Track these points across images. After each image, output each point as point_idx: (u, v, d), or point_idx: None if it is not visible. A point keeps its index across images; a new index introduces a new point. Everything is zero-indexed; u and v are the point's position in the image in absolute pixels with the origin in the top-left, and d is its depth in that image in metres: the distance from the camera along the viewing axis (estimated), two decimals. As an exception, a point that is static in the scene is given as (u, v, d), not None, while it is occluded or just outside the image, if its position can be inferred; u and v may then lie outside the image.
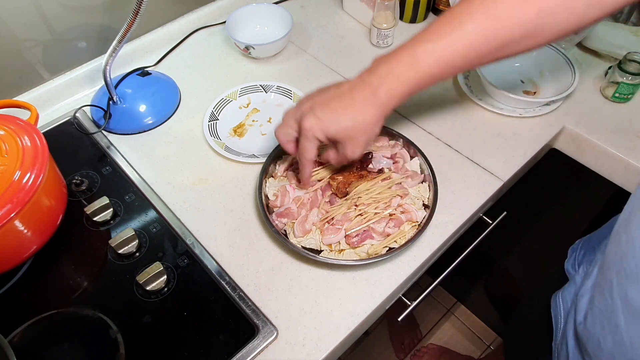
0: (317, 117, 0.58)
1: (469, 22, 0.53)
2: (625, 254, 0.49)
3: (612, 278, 0.51)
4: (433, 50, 0.54)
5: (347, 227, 0.65)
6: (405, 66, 0.55)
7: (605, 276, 0.53)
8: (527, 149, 0.79)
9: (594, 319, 0.55)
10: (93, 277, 0.67)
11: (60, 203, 0.69)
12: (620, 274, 0.50)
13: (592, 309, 0.56)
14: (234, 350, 0.59)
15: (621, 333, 0.50)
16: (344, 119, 0.57)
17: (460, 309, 1.60)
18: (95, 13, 0.86)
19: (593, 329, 0.55)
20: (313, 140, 0.60)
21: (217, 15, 1.02)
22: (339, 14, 1.05)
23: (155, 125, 0.85)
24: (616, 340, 0.51)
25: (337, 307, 0.63)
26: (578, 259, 0.76)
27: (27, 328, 0.62)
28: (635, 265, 0.48)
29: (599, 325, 0.54)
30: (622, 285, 0.50)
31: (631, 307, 0.48)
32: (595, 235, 0.77)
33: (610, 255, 0.54)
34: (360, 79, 0.58)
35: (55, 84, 0.87)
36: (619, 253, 0.51)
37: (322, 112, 0.58)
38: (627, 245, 0.49)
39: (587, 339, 0.57)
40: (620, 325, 0.50)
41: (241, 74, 0.93)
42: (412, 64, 0.55)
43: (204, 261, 0.67)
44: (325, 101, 0.59)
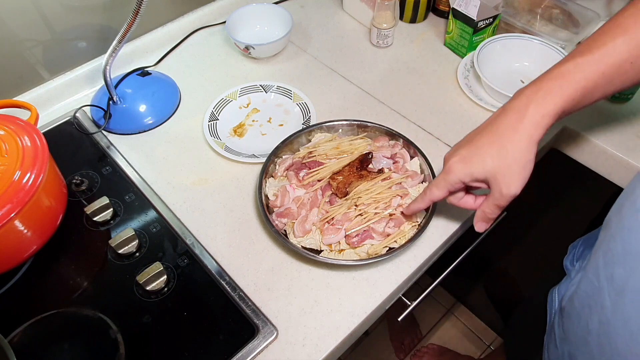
0: (461, 158, 0.55)
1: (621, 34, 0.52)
2: (614, 236, 0.50)
3: (599, 260, 0.52)
4: (586, 63, 0.52)
5: (347, 227, 0.65)
6: (556, 81, 0.52)
7: (592, 260, 0.53)
8: (527, 149, 0.79)
9: (581, 302, 0.55)
10: (93, 277, 0.67)
11: (60, 203, 0.69)
12: (607, 255, 0.50)
13: (578, 292, 0.56)
14: (234, 350, 0.59)
15: (606, 313, 0.50)
16: (490, 155, 0.53)
17: (460, 309, 1.60)
18: (95, 13, 0.86)
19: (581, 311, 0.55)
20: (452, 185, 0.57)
21: (217, 15, 1.02)
22: (339, 14, 1.05)
23: (155, 125, 0.85)
24: (602, 320, 0.51)
25: (337, 307, 0.63)
26: (577, 255, 0.77)
27: (27, 328, 0.62)
28: (622, 246, 0.48)
29: (586, 308, 0.54)
30: (608, 267, 0.50)
31: (617, 286, 0.49)
32: (595, 233, 0.77)
33: (599, 240, 0.54)
34: (502, 108, 0.55)
35: (55, 84, 0.87)
36: (608, 236, 0.51)
37: (467, 151, 0.55)
38: (617, 227, 0.50)
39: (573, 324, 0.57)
40: (606, 305, 0.50)
41: (241, 74, 0.93)
42: (564, 78, 0.52)
43: (204, 261, 0.67)
44: (469, 138, 0.56)
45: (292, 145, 0.75)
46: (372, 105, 0.87)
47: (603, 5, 0.99)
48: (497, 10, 0.88)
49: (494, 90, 0.82)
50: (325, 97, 0.88)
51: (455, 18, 0.90)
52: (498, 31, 0.94)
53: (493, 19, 0.89)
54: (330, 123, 0.76)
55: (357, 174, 0.70)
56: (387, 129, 0.75)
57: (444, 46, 0.97)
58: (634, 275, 0.47)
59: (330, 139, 0.75)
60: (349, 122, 0.76)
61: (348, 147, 0.74)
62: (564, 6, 0.94)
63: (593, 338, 0.53)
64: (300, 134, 0.75)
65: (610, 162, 0.79)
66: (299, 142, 0.76)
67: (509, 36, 0.89)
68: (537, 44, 0.88)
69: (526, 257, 1.24)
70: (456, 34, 0.92)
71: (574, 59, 0.53)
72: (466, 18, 0.88)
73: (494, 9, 0.87)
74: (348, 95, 0.89)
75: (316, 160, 0.72)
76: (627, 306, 0.47)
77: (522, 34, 0.89)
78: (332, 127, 0.77)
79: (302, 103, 0.85)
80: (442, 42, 0.98)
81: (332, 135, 0.76)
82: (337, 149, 0.73)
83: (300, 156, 0.73)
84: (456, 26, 0.91)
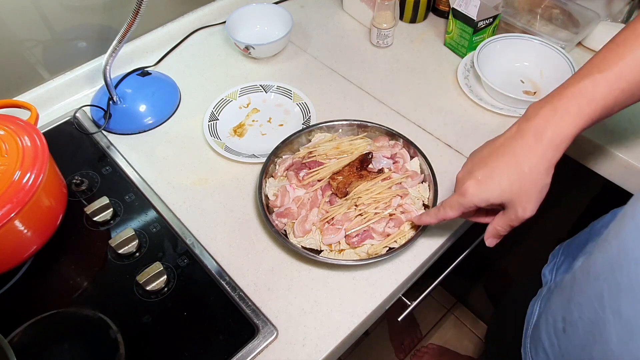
0: (476, 180, 0.53)
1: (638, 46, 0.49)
2: (619, 266, 0.47)
3: (603, 290, 0.49)
4: (605, 79, 0.50)
5: (347, 227, 0.65)
6: (574, 100, 0.50)
7: (595, 287, 0.50)
8: (527, 149, 0.79)
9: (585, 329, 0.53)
10: (93, 277, 0.67)
11: (60, 203, 0.69)
12: (612, 287, 0.47)
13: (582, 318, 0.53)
14: (234, 350, 0.59)
15: (611, 348, 0.47)
16: (507, 178, 0.52)
17: (460, 309, 1.60)
18: (95, 13, 0.86)
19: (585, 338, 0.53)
20: (467, 207, 0.55)
21: (217, 15, 1.02)
22: (339, 14, 1.05)
23: (155, 125, 0.85)
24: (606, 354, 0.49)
25: (337, 307, 0.63)
26: (557, 265, 0.75)
27: (27, 328, 0.62)
28: (628, 279, 0.45)
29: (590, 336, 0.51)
30: (614, 299, 0.47)
31: (623, 322, 0.46)
32: (574, 242, 0.75)
33: (599, 265, 0.51)
34: (518, 128, 0.53)
35: (55, 84, 0.87)
36: (611, 263, 0.48)
37: (482, 173, 0.53)
38: (620, 255, 0.47)
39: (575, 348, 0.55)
40: (612, 340, 0.47)
41: (241, 74, 0.93)
42: (583, 97, 0.50)
43: (204, 261, 0.67)
44: (483, 158, 0.54)
45: (292, 145, 0.75)
46: (372, 105, 0.87)
47: (603, 5, 0.99)
48: (497, 10, 0.88)
49: (494, 90, 0.82)
50: (325, 97, 0.88)
51: (455, 18, 0.90)
52: (498, 31, 0.94)
53: (493, 19, 0.89)
54: (330, 123, 0.76)
55: (357, 174, 0.70)
56: (387, 129, 0.75)
57: (444, 46, 0.97)
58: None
59: (330, 139, 0.75)
60: (349, 122, 0.76)
61: (348, 147, 0.74)
62: (564, 6, 0.94)
63: None
64: (300, 134, 0.75)
65: (610, 162, 0.79)
66: (299, 142, 0.76)
67: (509, 36, 0.89)
68: (537, 44, 0.88)
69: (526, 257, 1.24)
70: (456, 34, 0.92)
71: (591, 75, 0.51)
72: (466, 18, 0.88)
73: (494, 9, 0.87)
74: (348, 95, 0.89)
75: (316, 160, 0.72)
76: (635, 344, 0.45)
77: (522, 34, 0.89)
78: (332, 127, 0.77)
79: (302, 103, 0.85)
80: (442, 42, 0.98)
81: (332, 135, 0.76)
82: (337, 149, 0.73)
83: (300, 156, 0.73)
84: (456, 26, 0.91)
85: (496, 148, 0.54)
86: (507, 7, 0.96)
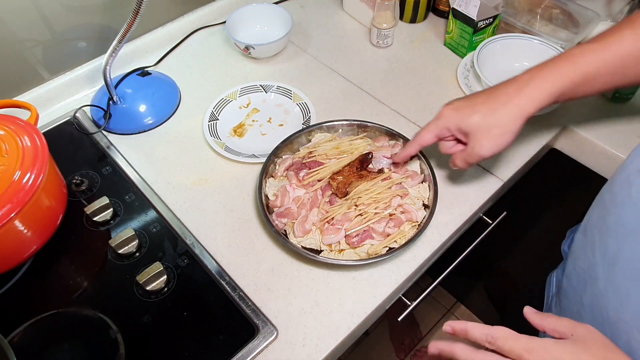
0: (454, 107, 0.59)
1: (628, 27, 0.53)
2: (608, 211, 0.50)
3: (595, 236, 0.52)
4: (591, 49, 0.54)
5: (347, 227, 0.65)
6: (559, 62, 0.55)
7: (588, 236, 0.54)
8: (527, 149, 0.79)
9: (578, 278, 0.55)
10: (93, 277, 0.67)
11: (60, 203, 0.69)
12: (602, 230, 0.51)
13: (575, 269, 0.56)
14: (234, 350, 0.59)
15: (599, 285, 0.50)
16: (479, 109, 0.56)
17: (460, 309, 1.60)
18: (95, 13, 0.86)
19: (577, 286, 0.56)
20: (440, 128, 0.60)
21: (217, 15, 1.02)
22: (339, 14, 1.05)
23: (155, 125, 0.85)
24: (595, 293, 0.51)
25: (337, 307, 0.63)
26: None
27: (27, 328, 0.62)
28: (615, 220, 0.49)
29: (581, 283, 0.54)
30: (602, 241, 0.50)
31: (609, 258, 0.49)
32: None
33: (593, 217, 0.54)
34: (510, 80, 0.58)
35: (55, 84, 0.87)
36: (602, 212, 0.52)
37: (461, 103, 0.59)
38: (611, 202, 0.50)
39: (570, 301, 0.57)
40: (599, 278, 0.50)
41: (241, 74, 0.93)
42: (568, 60, 0.54)
43: (204, 261, 0.67)
44: (470, 96, 0.59)
45: (292, 145, 0.75)
46: (372, 105, 0.87)
47: (603, 5, 0.99)
48: (497, 10, 0.88)
49: (494, 90, 0.82)
50: (325, 97, 0.88)
51: (455, 18, 0.90)
52: (498, 31, 0.94)
53: (493, 19, 0.89)
54: (330, 123, 0.76)
55: (357, 174, 0.70)
56: (387, 129, 0.75)
57: (444, 46, 0.97)
58: (625, 246, 0.47)
59: (330, 139, 0.75)
60: (349, 122, 0.76)
61: (348, 147, 0.74)
62: (564, 6, 0.94)
63: (586, 312, 0.53)
64: (300, 134, 0.75)
65: (610, 162, 0.79)
66: (299, 142, 0.76)
67: (509, 36, 0.89)
68: (537, 44, 0.87)
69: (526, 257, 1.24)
70: (456, 34, 0.92)
71: (580, 46, 0.55)
72: (466, 18, 0.88)
73: (494, 9, 0.87)
74: (348, 96, 0.89)
75: (316, 160, 0.72)
76: (618, 276, 0.48)
77: (522, 34, 0.89)
78: (332, 127, 0.77)
79: (302, 103, 0.85)
80: (442, 42, 0.98)
81: (332, 135, 0.76)
82: (337, 149, 0.73)
83: (300, 156, 0.73)
84: (456, 26, 0.91)
85: (483, 91, 0.59)
86: (507, 7, 0.96)
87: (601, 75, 0.55)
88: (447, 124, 0.60)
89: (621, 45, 0.54)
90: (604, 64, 0.54)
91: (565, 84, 0.55)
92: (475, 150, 0.58)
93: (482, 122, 0.57)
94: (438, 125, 0.61)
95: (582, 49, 0.55)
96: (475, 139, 0.58)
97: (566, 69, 0.55)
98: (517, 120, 0.56)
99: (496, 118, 0.56)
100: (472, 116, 0.57)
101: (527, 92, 0.55)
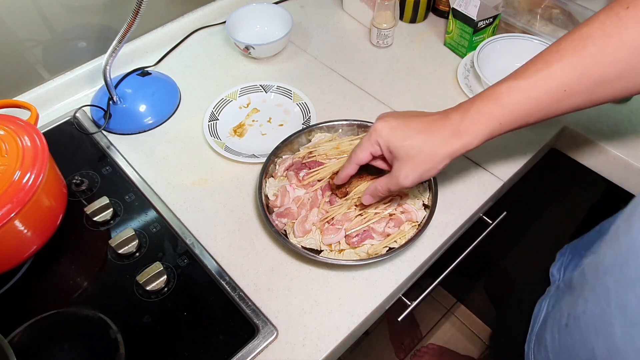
0: (390, 125, 0.56)
1: (557, 61, 0.51)
2: (627, 261, 0.47)
3: (609, 284, 0.50)
4: (518, 87, 0.52)
5: (347, 227, 0.65)
6: (487, 102, 0.53)
7: (602, 282, 0.51)
8: (527, 149, 0.79)
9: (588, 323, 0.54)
10: (93, 277, 0.67)
11: (60, 203, 0.69)
12: (619, 281, 0.48)
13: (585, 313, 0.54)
14: (234, 350, 0.59)
15: (616, 342, 0.48)
16: (414, 137, 0.55)
17: (460, 309, 1.60)
18: (95, 13, 0.86)
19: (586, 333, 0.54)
20: (373, 145, 0.58)
21: (217, 15, 1.02)
22: (339, 14, 1.05)
23: (155, 125, 0.85)
24: (609, 348, 0.49)
25: (337, 307, 0.63)
26: (564, 263, 0.76)
27: (27, 328, 0.62)
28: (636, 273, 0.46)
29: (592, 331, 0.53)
30: (620, 293, 0.48)
31: (628, 315, 0.47)
32: (582, 241, 0.76)
33: (607, 261, 0.51)
34: (445, 113, 0.56)
35: (55, 84, 0.87)
36: (619, 259, 0.49)
37: (397, 122, 0.56)
38: (629, 251, 0.47)
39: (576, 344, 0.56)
40: (616, 333, 0.48)
41: (241, 74, 0.93)
42: (495, 100, 0.53)
43: (204, 261, 0.67)
44: (405, 116, 0.57)
45: (292, 145, 0.75)
46: (372, 105, 0.87)
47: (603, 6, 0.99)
48: (497, 10, 0.88)
49: (494, 90, 0.82)
50: (325, 97, 0.88)
51: (455, 18, 0.90)
52: (498, 31, 0.94)
53: (493, 19, 0.89)
54: (330, 123, 0.76)
55: (357, 174, 0.70)
56: (387, 129, 0.75)
57: (444, 46, 0.97)
58: None
59: (330, 139, 0.75)
60: (349, 122, 0.76)
61: (348, 147, 0.74)
62: (564, 6, 0.94)
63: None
64: (300, 134, 0.75)
65: (610, 162, 0.79)
66: (299, 142, 0.76)
67: (509, 36, 0.89)
68: (537, 44, 0.88)
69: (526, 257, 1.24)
70: (456, 34, 0.92)
71: (507, 82, 0.53)
72: (466, 18, 0.88)
73: (494, 9, 0.87)
74: (348, 95, 0.89)
75: (316, 160, 0.72)
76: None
77: (522, 34, 0.89)
78: (332, 127, 0.77)
79: (302, 103, 0.85)
80: (442, 42, 0.98)
81: (332, 135, 0.76)
82: (337, 149, 0.73)
83: (300, 156, 0.73)
84: (456, 26, 0.91)
85: (421, 115, 0.57)
86: (507, 7, 0.96)
87: (532, 112, 0.53)
88: (378, 139, 0.57)
89: (549, 81, 0.51)
90: (533, 101, 0.52)
91: (494, 126, 0.53)
92: (401, 180, 0.57)
93: (413, 151, 0.55)
94: (370, 142, 0.58)
95: (509, 87, 0.52)
96: (402, 167, 0.56)
97: (493, 111, 0.53)
98: (444, 161, 0.55)
99: (427, 153, 0.55)
100: (405, 141, 0.55)
101: (458, 134, 0.54)
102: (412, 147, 0.55)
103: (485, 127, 0.53)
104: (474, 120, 0.53)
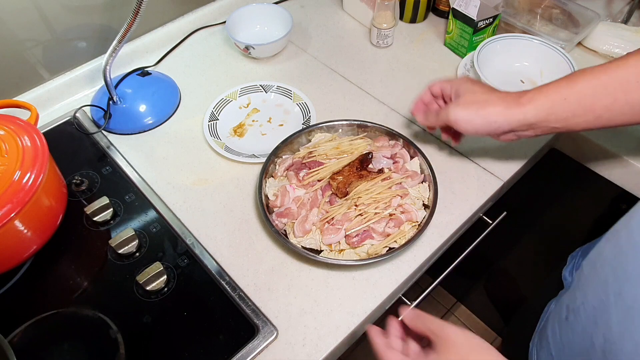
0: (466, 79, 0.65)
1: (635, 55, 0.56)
2: (626, 254, 0.49)
3: (608, 276, 0.51)
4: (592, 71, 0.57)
5: (347, 227, 0.65)
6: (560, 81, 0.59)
7: (600, 274, 0.53)
8: (527, 149, 0.79)
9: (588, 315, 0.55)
10: (93, 277, 0.67)
11: (60, 203, 0.69)
12: (618, 273, 0.49)
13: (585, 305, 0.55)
14: (234, 350, 0.59)
15: (612, 329, 0.49)
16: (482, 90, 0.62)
17: (460, 309, 1.60)
18: (95, 13, 0.86)
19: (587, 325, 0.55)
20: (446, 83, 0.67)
21: (217, 15, 1.02)
22: (339, 14, 1.05)
23: (155, 125, 0.85)
24: (607, 337, 0.50)
25: (337, 307, 0.63)
26: (576, 266, 0.76)
27: (27, 328, 0.62)
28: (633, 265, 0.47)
29: (592, 322, 0.54)
30: (618, 285, 0.49)
31: (625, 304, 0.48)
32: (594, 244, 0.76)
33: (606, 253, 0.53)
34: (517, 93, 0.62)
35: (55, 84, 0.87)
36: (618, 252, 0.50)
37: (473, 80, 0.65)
38: (628, 243, 0.49)
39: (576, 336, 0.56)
40: (612, 321, 0.49)
41: (241, 74, 0.93)
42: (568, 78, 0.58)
43: (204, 261, 0.67)
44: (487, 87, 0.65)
45: (292, 145, 0.75)
46: (372, 105, 0.87)
47: (603, 5, 0.99)
48: (497, 10, 0.88)
49: (494, 90, 0.82)
50: (325, 97, 0.88)
51: (455, 18, 0.90)
52: (498, 31, 0.94)
53: (493, 19, 0.89)
54: (330, 123, 0.76)
55: (357, 174, 0.70)
56: (387, 129, 0.75)
57: (444, 46, 0.97)
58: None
59: (330, 139, 0.75)
60: (349, 122, 0.76)
61: (348, 147, 0.74)
62: (564, 6, 0.94)
63: (597, 353, 0.53)
64: (300, 134, 0.75)
65: (610, 162, 0.79)
66: (299, 142, 0.76)
67: (509, 36, 0.89)
68: (537, 44, 0.88)
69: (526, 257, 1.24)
70: (456, 34, 0.92)
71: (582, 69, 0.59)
72: (466, 18, 0.88)
73: (494, 9, 0.87)
74: (348, 95, 0.89)
75: (316, 160, 0.72)
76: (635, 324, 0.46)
77: (522, 34, 0.89)
78: (332, 127, 0.77)
79: (302, 103, 0.85)
80: (442, 42, 0.98)
81: (332, 135, 0.76)
82: (337, 149, 0.73)
83: (300, 156, 0.73)
84: (456, 26, 0.91)
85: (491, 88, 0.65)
86: (507, 7, 0.96)
87: (599, 97, 0.56)
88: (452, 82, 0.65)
89: (623, 69, 0.55)
90: (602, 85, 0.55)
91: (555, 100, 0.58)
92: (449, 109, 0.63)
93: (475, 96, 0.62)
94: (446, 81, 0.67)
95: (583, 70, 0.58)
96: (457, 102, 0.63)
97: (562, 86, 0.58)
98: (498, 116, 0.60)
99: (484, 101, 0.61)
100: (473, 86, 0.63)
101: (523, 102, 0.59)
102: (474, 91, 0.62)
103: (547, 100, 0.58)
104: (540, 90, 0.58)
